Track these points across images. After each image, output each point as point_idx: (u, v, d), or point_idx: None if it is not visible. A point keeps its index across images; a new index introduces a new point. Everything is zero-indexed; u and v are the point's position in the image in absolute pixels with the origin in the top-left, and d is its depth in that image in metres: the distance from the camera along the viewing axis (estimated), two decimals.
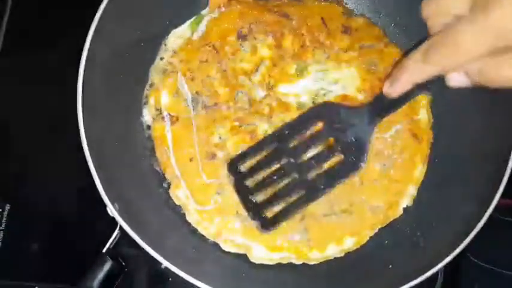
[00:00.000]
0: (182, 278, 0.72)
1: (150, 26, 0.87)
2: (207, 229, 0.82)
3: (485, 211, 0.74)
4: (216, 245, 0.83)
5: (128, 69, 0.83)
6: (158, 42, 0.90)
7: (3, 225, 0.87)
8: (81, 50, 0.74)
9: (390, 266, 0.80)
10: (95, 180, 0.72)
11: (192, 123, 0.85)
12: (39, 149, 0.93)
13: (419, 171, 0.87)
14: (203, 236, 0.83)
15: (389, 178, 0.85)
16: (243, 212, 0.82)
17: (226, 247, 0.82)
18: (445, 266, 0.74)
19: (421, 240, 0.82)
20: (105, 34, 0.76)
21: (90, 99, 0.75)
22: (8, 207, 0.88)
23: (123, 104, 0.84)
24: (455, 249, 0.74)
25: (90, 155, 0.73)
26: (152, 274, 0.89)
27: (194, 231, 0.83)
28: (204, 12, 0.92)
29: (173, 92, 0.86)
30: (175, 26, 0.91)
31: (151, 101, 0.87)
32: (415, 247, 0.82)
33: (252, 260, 0.82)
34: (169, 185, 0.84)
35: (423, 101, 0.89)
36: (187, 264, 0.74)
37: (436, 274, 0.82)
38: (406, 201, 0.86)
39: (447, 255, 0.74)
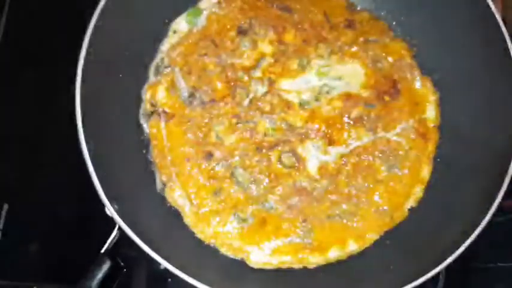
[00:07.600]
0: (181, 278, 0.72)
1: (148, 21, 0.85)
2: (204, 232, 0.81)
3: (488, 211, 0.74)
4: (214, 246, 0.82)
5: (127, 67, 0.82)
6: (157, 38, 0.88)
7: (1, 225, 0.87)
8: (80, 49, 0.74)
9: (391, 267, 0.79)
10: (93, 181, 0.72)
11: (188, 121, 0.83)
12: (37, 149, 0.92)
13: (425, 171, 0.85)
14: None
15: (396, 179, 0.83)
16: (241, 214, 0.81)
17: (224, 251, 0.81)
18: (447, 267, 0.74)
19: (423, 241, 0.81)
20: (104, 32, 0.76)
21: (88, 98, 0.74)
22: (6, 207, 0.88)
23: (122, 102, 0.83)
24: (457, 249, 0.73)
25: (89, 155, 0.72)
26: (151, 274, 0.89)
27: (193, 231, 0.83)
28: (201, 5, 0.89)
29: (170, 87, 0.84)
30: (174, 20, 0.89)
31: (148, 96, 0.85)
32: (417, 248, 0.81)
33: (251, 265, 0.81)
34: (165, 185, 0.83)
35: (431, 98, 0.87)
36: (186, 264, 0.73)
37: (437, 275, 0.81)
38: (411, 203, 0.84)
39: (449, 256, 0.73)
